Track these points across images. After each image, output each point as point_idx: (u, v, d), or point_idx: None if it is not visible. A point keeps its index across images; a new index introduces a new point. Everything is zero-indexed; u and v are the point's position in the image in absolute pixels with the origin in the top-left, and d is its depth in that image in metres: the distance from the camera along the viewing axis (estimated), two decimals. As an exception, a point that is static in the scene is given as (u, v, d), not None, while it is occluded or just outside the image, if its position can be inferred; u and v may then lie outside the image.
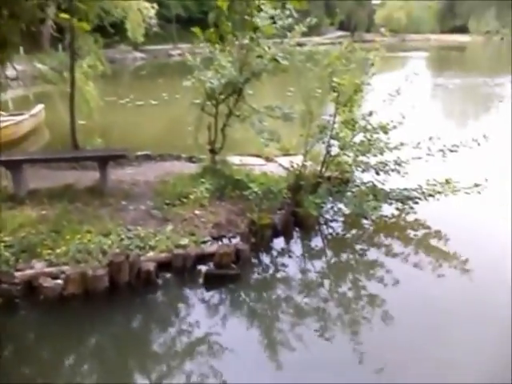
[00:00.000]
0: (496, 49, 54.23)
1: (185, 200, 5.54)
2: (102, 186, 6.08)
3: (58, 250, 4.40)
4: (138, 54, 36.09)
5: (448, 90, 18.43)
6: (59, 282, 4.05)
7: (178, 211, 5.39)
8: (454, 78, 22.14)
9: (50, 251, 4.39)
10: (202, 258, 4.57)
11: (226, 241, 4.99)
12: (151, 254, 4.51)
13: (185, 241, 4.71)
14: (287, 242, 5.28)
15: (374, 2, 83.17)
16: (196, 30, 2.89)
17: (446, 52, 46.53)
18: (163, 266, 4.45)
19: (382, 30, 76.00)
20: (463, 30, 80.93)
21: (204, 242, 4.83)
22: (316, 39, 53.50)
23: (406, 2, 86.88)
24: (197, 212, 5.40)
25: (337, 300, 4.30)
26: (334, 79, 4.98)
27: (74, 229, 4.82)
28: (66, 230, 4.80)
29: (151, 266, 4.26)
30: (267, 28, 4.23)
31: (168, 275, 4.44)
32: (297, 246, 5.28)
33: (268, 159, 7.67)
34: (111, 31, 10.10)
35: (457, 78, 22.12)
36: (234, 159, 6.87)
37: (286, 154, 7.15)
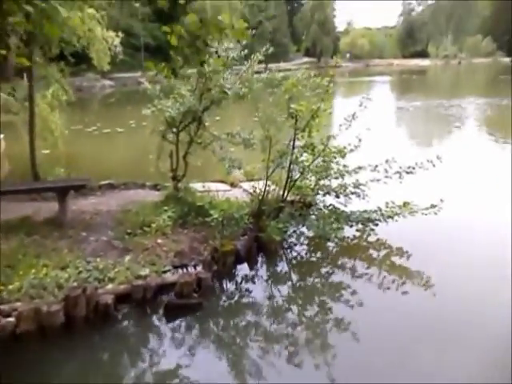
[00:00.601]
0: (454, 72, 56.98)
1: (147, 229, 5.46)
2: (62, 217, 5.93)
3: (11, 286, 4.23)
4: (107, 82, 36.07)
5: (408, 113, 19.14)
6: (11, 319, 3.88)
7: (140, 240, 5.30)
8: (415, 100, 23.05)
9: (1, 287, 4.22)
10: (163, 288, 4.48)
11: (189, 269, 4.92)
12: (110, 286, 4.39)
13: (145, 271, 4.62)
14: (251, 267, 5.25)
15: (338, 29, 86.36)
16: (148, 63, 2.92)
17: (407, 76, 48.45)
18: (123, 298, 4.33)
19: (348, 55, 79.01)
20: (423, 54, 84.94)
21: (165, 272, 4.75)
22: (283, 65, 55.06)
23: (368, 30, 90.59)
24: (159, 241, 5.33)
25: (303, 324, 4.28)
26: (292, 105, 5.10)
27: (30, 263, 4.66)
28: (21, 264, 4.63)
29: (109, 299, 4.15)
30: (215, 61, 4.32)
31: (128, 307, 4.33)
32: (261, 272, 5.25)
33: (233, 185, 7.70)
34: (76, 59, 10.07)
35: (417, 100, 23.03)
36: (199, 186, 6.86)
37: (251, 179, 7.21)
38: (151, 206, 6.16)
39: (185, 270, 4.87)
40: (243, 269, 5.21)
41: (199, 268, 4.89)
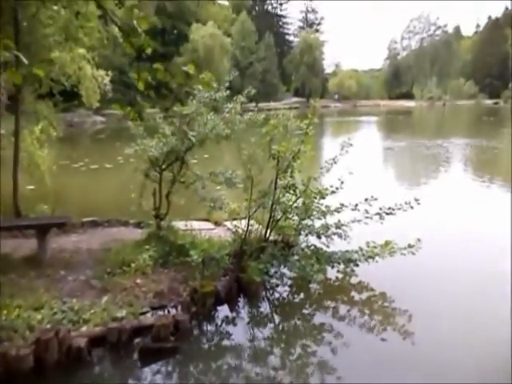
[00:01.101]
0: (439, 113, 58.71)
1: (127, 268, 5.38)
2: (42, 255, 5.84)
3: (-20, 329, 4.09)
4: (98, 118, 36.42)
5: (394, 152, 19.52)
6: (-23, 364, 3.73)
7: (119, 280, 5.21)
8: (401, 141, 23.61)
9: (-30, 330, 4.07)
10: (140, 331, 4.36)
11: (167, 310, 4.82)
12: (84, 328, 4.27)
13: (122, 313, 4.51)
14: (231, 309, 5.16)
15: (326, 71, 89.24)
16: (115, 105, 2.98)
17: (393, 116, 49.80)
18: (97, 340, 4.20)
19: (336, 96, 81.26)
20: (409, 96, 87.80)
21: (143, 314, 4.64)
22: (273, 104, 56.35)
23: (356, 72, 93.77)
24: (138, 281, 5.24)
25: (286, 368, 4.17)
26: (273, 147, 5.19)
27: (3, 303, 4.52)
28: (-6, 305, 4.49)
29: (83, 342, 4.02)
30: (193, 103, 4.43)
31: (102, 351, 4.19)
32: (242, 313, 5.16)
33: (217, 223, 7.68)
34: (68, 96, 10.24)
35: (403, 141, 23.58)
36: (182, 224, 6.83)
37: (235, 218, 7.19)
38: (133, 244, 6.09)
39: (163, 311, 4.77)
40: (223, 310, 5.11)
41: (178, 309, 4.80)
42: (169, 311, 4.80)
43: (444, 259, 6.57)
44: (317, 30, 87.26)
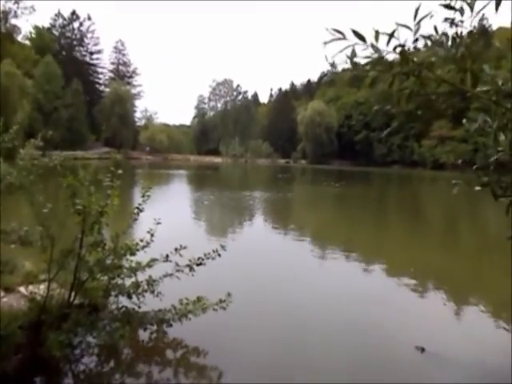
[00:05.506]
0: (242, 169, 64.85)
1: None
2: None
3: None
4: None
5: (204, 206, 20.46)
6: None
7: None
8: (210, 194, 24.97)
9: None
10: None
11: None
12: None
13: None
14: (24, 393, 4.34)
15: (138, 123, 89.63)
16: None
17: (202, 171, 52.65)
18: None
19: (147, 149, 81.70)
20: (216, 152, 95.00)
21: None
22: (80, 153, 52.97)
23: (167, 126, 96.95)
24: None
25: None
26: (77, 201, 4.76)
27: None
28: None
29: None
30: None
31: None
32: (38, 397, 4.39)
33: (8, 290, 6.51)
34: None
35: (212, 194, 24.99)
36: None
37: (31, 282, 6.23)
38: None
39: None
40: (15, 397, 4.26)
41: None
42: None
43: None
44: (128, 83, 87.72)
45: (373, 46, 2.83)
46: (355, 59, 2.87)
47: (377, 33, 2.82)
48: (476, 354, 5.65)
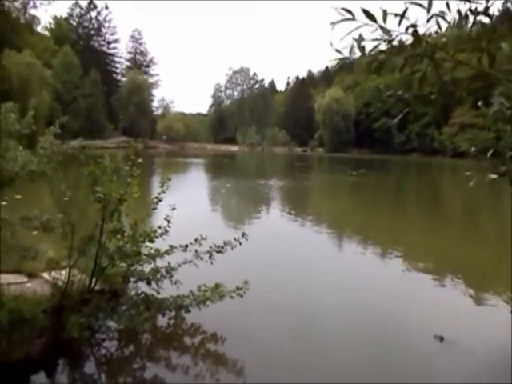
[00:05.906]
0: (259, 157, 64.71)
1: None
2: None
3: None
4: None
5: (220, 193, 20.55)
6: None
7: None
8: (226, 182, 25.04)
9: None
10: None
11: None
12: None
13: None
14: (49, 375, 4.48)
15: (155, 112, 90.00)
16: None
17: (219, 159, 52.75)
18: None
19: (164, 137, 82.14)
20: (232, 141, 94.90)
21: None
22: (99, 142, 53.60)
23: (184, 115, 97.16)
24: None
25: None
26: (98, 189, 4.84)
27: None
28: None
29: None
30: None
31: None
32: (61, 378, 4.51)
33: (31, 275, 6.68)
34: None
35: (228, 182, 25.05)
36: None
37: (54, 268, 6.38)
38: None
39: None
40: (40, 378, 4.41)
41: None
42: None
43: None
44: (145, 72, 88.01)
45: (381, 27, 2.65)
46: (362, 43, 2.74)
47: (385, 13, 2.64)
48: (495, 343, 5.59)
